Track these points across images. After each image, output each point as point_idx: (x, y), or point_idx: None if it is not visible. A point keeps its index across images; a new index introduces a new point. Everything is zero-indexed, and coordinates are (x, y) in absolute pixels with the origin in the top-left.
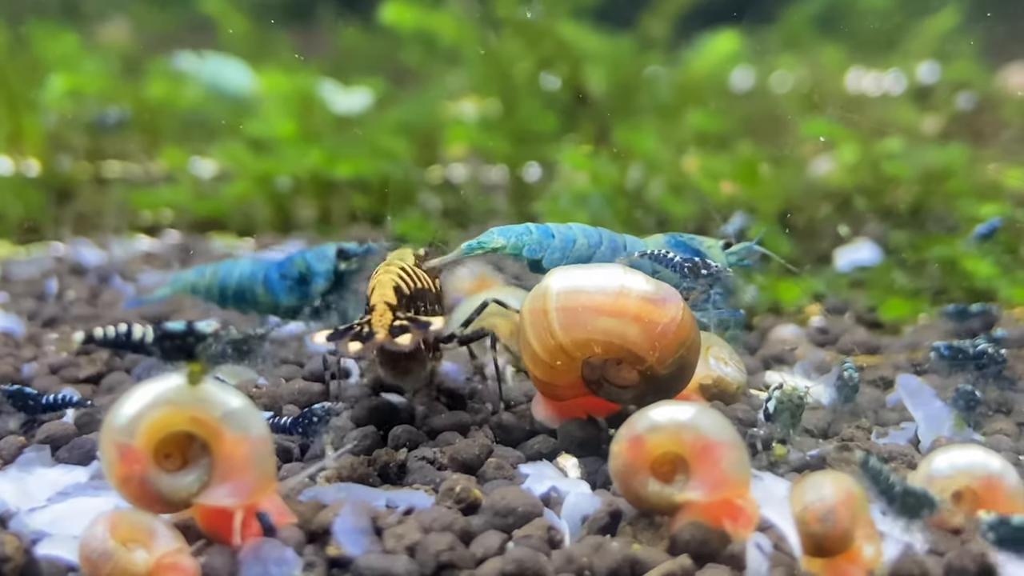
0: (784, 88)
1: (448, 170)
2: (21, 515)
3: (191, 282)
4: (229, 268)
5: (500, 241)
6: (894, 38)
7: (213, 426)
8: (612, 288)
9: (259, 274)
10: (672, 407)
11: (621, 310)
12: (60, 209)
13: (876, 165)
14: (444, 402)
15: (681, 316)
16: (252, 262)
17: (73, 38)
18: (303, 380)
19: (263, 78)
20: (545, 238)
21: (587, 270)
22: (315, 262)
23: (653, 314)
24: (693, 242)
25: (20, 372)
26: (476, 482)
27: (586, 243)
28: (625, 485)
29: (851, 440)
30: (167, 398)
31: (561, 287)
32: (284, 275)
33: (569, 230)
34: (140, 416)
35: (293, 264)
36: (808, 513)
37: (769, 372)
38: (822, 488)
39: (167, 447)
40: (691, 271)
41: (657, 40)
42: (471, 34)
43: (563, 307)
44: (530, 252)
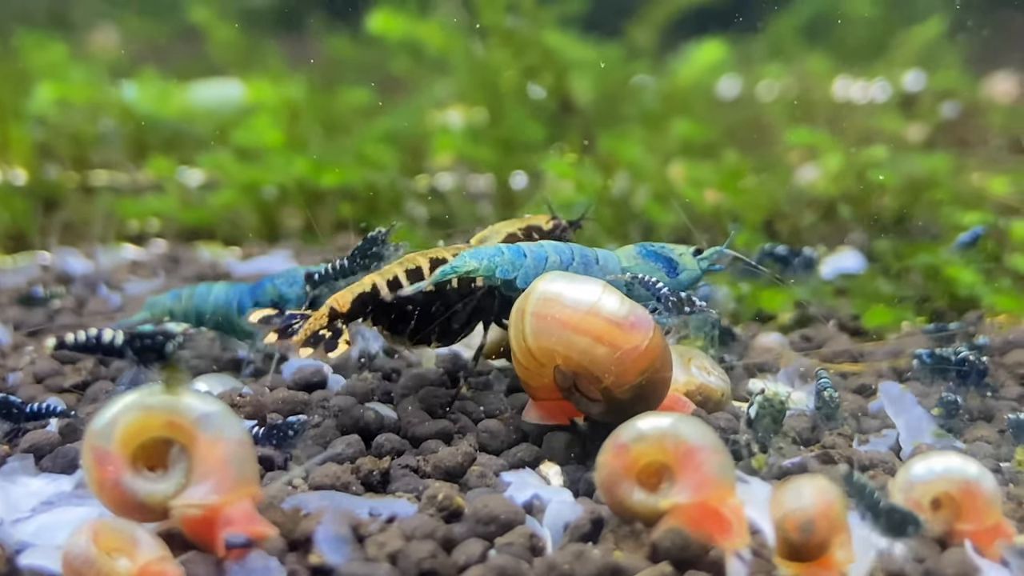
0: (770, 97)
1: (434, 179)
2: (5, 525)
3: (167, 307)
4: (204, 293)
5: (472, 264)
6: (880, 47)
7: (188, 429)
8: (584, 305)
9: (233, 300)
10: (655, 417)
11: (587, 328)
12: (47, 218)
13: (861, 173)
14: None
15: (646, 344)
16: (226, 287)
17: (61, 47)
18: (287, 389)
19: (250, 87)
20: (517, 258)
21: (571, 281)
22: (285, 287)
23: (617, 338)
24: (664, 251)
25: (5, 381)
26: (459, 490)
27: (558, 259)
28: (611, 494)
29: (832, 447)
30: (142, 403)
31: (542, 293)
32: (257, 302)
33: (540, 248)
34: (116, 420)
35: (264, 291)
36: (788, 521)
37: (752, 380)
38: (802, 496)
39: (147, 455)
40: (675, 305)
41: (643, 49)
42: (458, 43)
43: (537, 313)
44: (503, 273)
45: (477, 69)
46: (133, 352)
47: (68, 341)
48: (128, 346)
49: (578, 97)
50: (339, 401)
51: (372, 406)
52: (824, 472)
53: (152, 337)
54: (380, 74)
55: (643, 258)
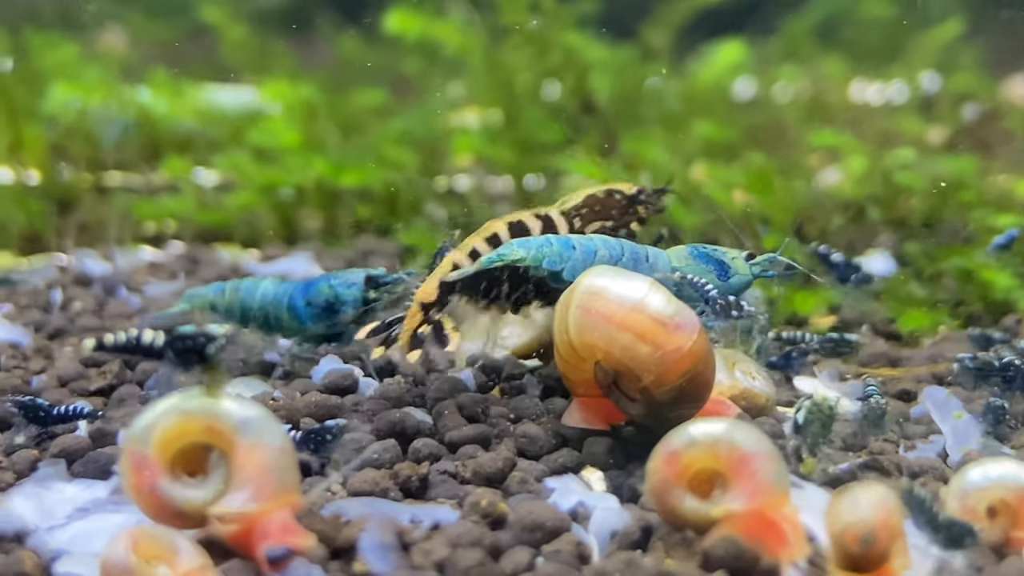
0: (785, 98)
1: (453, 180)
2: (40, 533)
3: (209, 299)
4: (251, 289)
5: (520, 253)
6: (894, 49)
7: (227, 435)
8: (630, 301)
9: (283, 298)
10: (707, 423)
11: (630, 324)
12: (62, 219)
13: (887, 176)
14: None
15: (690, 346)
16: (274, 283)
17: (72, 47)
18: (319, 393)
19: (266, 88)
20: (565, 250)
21: (619, 277)
22: (342, 290)
23: (660, 337)
24: (716, 253)
25: (29, 384)
26: (501, 496)
27: (607, 254)
28: (661, 501)
29: (880, 454)
30: (181, 407)
31: (588, 286)
32: (310, 302)
33: (590, 241)
34: (154, 425)
35: (319, 291)
36: (848, 534)
37: (799, 380)
38: (861, 507)
39: (187, 460)
40: (723, 309)
41: (658, 50)
42: (475, 43)
43: (582, 306)
44: (550, 264)
45: (495, 69)
46: (174, 354)
47: (107, 342)
48: (169, 347)
49: (598, 98)
50: (373, 405)
51: (407, 410)
52: (876, 479)
53: (193, 338)
54: (391, 75)
55: (694, 259)
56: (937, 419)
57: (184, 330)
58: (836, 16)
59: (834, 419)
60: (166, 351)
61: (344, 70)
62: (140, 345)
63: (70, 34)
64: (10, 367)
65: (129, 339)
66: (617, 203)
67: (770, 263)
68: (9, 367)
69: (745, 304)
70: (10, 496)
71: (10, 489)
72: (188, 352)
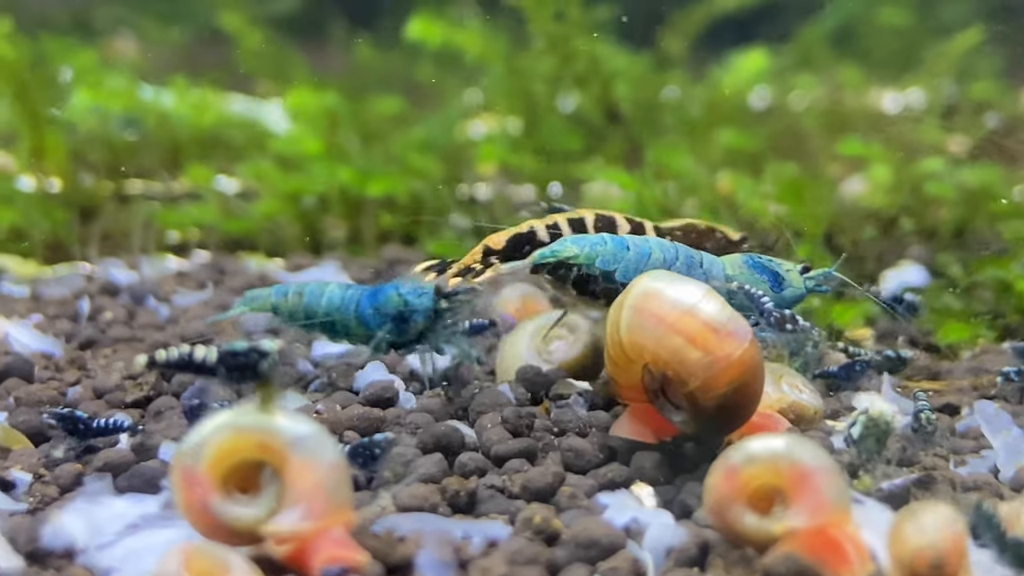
0: (802, 107)
1: (476, 189)
2: (90, 551)
3: (271, 302)
4: (316, 293)
5: (573, 250)
6: (909, 57)
7: (280, 451)
8: (684, 304)
9: (350, 304)
10: (767, 438)
11: (682, 328)
12: (84, 228)
13: (916, 185)
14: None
15: (739, 355)
16: (340, 288)
17: (89, 54)
18: (361, 406)
19: (289, 95)
20: (620, 250)
21: (676, 281)
22: (413, 299)
23: (710, 343)
24: (771, 264)
25: (65, 396)
26: (553, 512)
27: (661, 257)
28: (720, 518)
29: (933, 469)
30: (233, 423)
31: (643, 287)
32: (379, 309)
33: (645, 243)
34: (206, 441)
35: (388, 299)
36: (919, 560)
37: (859, 395)
38: (930, 530)
39: (240, 477)
40: (777, 322)
41: (675, 59)
42: (497, 50)
43: (635, 306)
44: (603, 264)
45: (516, 76)
46: (226, 370)
47: (159, 358)
48: (221, 364)
49: (624, 106)
50: (416, 418)
51: (451, 423)
52: (931, 496)
53: (246, 355)
54: (406, 82)
55: (749, 268)
56: (988, 433)
57: (236, 346)
58: (851, 24)
59: (890, 434)
60: (218, 368)
61: (360, 77)
62: (192, 361)
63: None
64: (45, 379)
65: (182, 355)
66: (714, 240)
67: (825, 278)
68: (44, 379)
69: (800, 319)
70: (61, 512)
71: (54, 503)
72: (241, 368)
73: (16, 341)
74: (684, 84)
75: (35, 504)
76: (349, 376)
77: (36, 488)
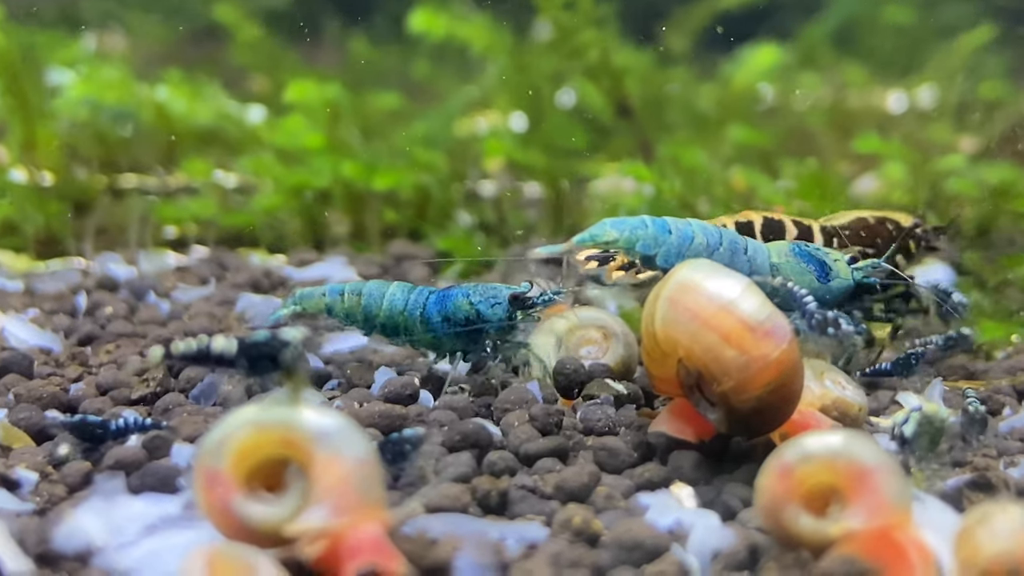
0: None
1: (482, 185)
2: (109, 552)
3: (325, 302)
4: (375, 294)
5: (613, 234)
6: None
7: (304, 447)
8: (721, 299)
9: (416, 309)
10: (822, 435)
11: (717, 324)
12: (78, 222)
13: (936, 183)
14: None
15: (777, 355)
16: (403, 290)
17: (80, 47)
18: (381, 403)
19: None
20: (661, 234)
21: (714, 273)
22: (485, 309)
23: (745, 342)
24: (818, 253)
25: (67, 393)
26: (593, 512)
27: (704, 242)
28: (774, 519)
29: (986, 470)
30: (255, 419)
31: (680, 278)
32: (448, 317)
33: (688, 226)
34: (227, 438)
35: (458, 307)
36: (995, 566)
37: (903, 393)
38: (1005, 536)
39: (265, 475)
40: (819, 324)
41: (679, 55)
42: (503, 43)
43: (671, 298)
44: (644, 248)
45: (522, 71)
46: (248, 362)
47: (176, 351)
48: (242, 355)
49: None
50: (441, 415)
51: (478, 421)
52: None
53: (268, 345)
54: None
55: (795, 257)
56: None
57: (257, 337)
58: (854, 23)
59: (944, 433)
60: (239, 359)
61: (356, 72)
62: (211, 354)
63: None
64: (45, 374)
65: (200, 348)
66: (887, 232)
67: (873, 269)
68: (44, 374)
69: (844, 322)
70: (76, 511)
71: (63, 503)
72: (263, 360)
73: (13, 336)
74: (689, 80)
75: (43, 504)
76: (365, 373)
77: (43, 487)
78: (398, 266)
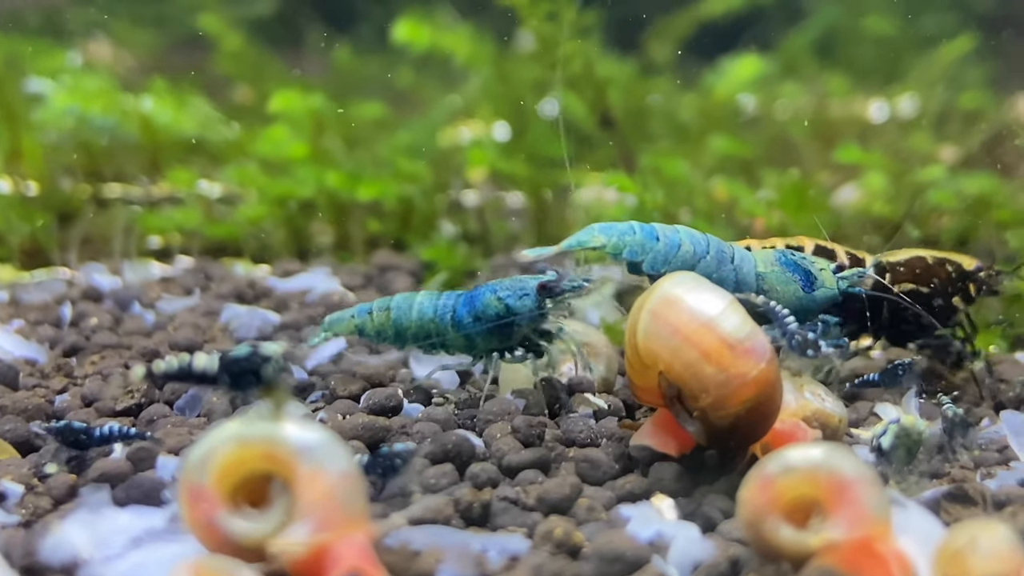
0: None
1: (465, 195)
2: (94, 565)
3: (355, 323)
4: (403, 306)
5: (601, 239)
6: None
7: (287, 462)
8: (703, 316)
9: (446, 314)
10: (803, 447)
11: (697, 340)
12: (63, 232)
13: (917, 193)
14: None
15: (755, 374)
16: (430, 298)
17: (64, 56)
18: (365, 415)
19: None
20: (649, 240)
21: (698, 287)
22: (513, 302)
23: (725, 359)
24: (804, 262)
25: (52, 404)
26: (574, 524)
27: (692, 249)
28: (755, 531)
29: (963, 481)
30: (238, 435)
31: (664, 292)
32: (478, 316)
33: (675, 233)
34: (210, 454)
35: (487, 304)
36: None
37: (881, 405)
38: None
39: (249, 490)
40: (799, 345)
41: (660, 65)
42: (486, 53)
43: (654, 311)
44: (631, 254)
45: (505, 80)
46: (229, 378)
47: (158, 369)
48: (224, 372)
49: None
50: (424, 427)
51: (461, 433)
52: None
53: (249, 360)
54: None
55: (781, 265)
56: (1015, 445)
57: (238, 352)
58: (836, 32)
59: (921, 445)
60: (221, 376)
61: (339, 82)
62: (193, 371)
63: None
64: (30, 386)
65: (182, 365)
66: (945, 274)
67: (859, 278)
68: (29, 386)
69: (824, 345)
70: (62, 524)
71: (48, 515)
72: (245, 375)
73: None
74: (671, 90)
75: (28, 516)
76: (349, 384)
77: (28, 499)
78: (382, 276)
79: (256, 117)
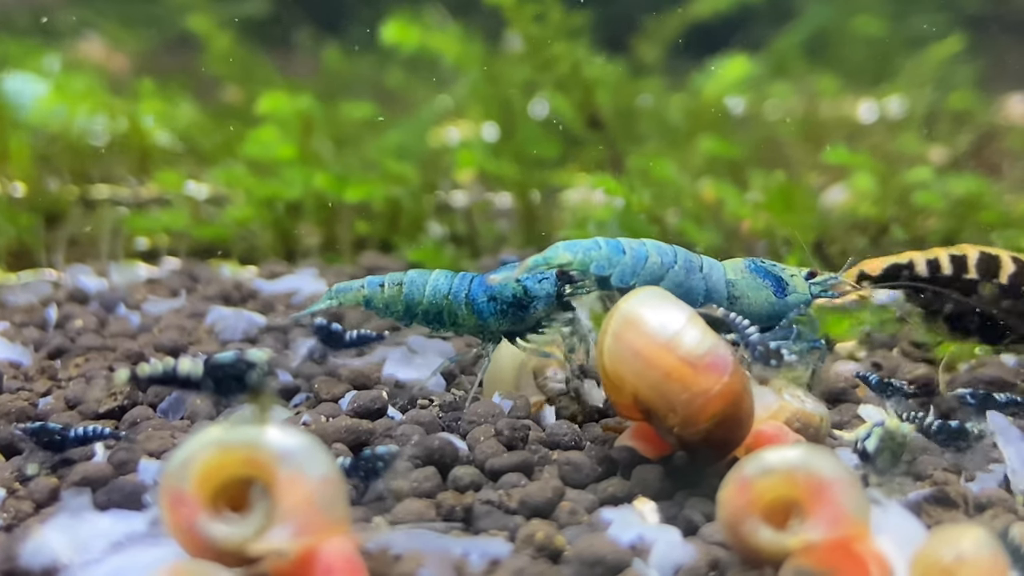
0: (777, 116)
1: (454, 196)
2: (74, 570)
3: (363, 294)
4: (416, 282)
5: (566, 257)
6: (882, 67)
7: (268, 466)
8: (662, 336)
9: (460, 292)
10: (782, 449)
11: (658, 362)
12: (50, 234)
13: (904, 195)
14: None
15: (718, 389)
16: (446, 276)
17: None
18: (349, 418)
19: (265, 99)
20: (615, 254)
21: (657, 306)
22: (532, 284)
23: (687, 378)
24: (774, 269)
25: (36, 407)
26: (556, 528)
27: (659, 261)
28: (734, 533)
29: (945, 484)
30: (219, 439)
31: (626, 313)
32: (494, 297)
33: (642, 246)
34: (191, 459)
35: (504, 285)
36: None
37: (863, 407)
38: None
39: (230, 495)
40: (762, 356)
41: (650, 65)
42: (474, 54)
43: (616, 334)
44: (598, 269)
45: (494, 81)
46: (213, 383)
47: (142, 373)
48: (208, 377)
49: (605, 113)
50: (407, 430)
51: (444, 436)
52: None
53: (233, 366)
54: (376, 88)
55: (751, 273)
56: (1002, 446)
57: (223, 358)
58: (825, 33)
59: (904, 449)
60: (205, 381)
61: (329, 82)
62: (177, 376)
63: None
64: (14, 389)
65: (166, 370)
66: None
67: (831, 284)
68: (13, 389)
69: (786, 354)
70: (43, 528)
71: (29, 519)
72: (229, 380)
73: None
74: (660, 91)
75: (9, 520)
76: (332, 387)
77: (10, 503)
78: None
79: (245, 118)
